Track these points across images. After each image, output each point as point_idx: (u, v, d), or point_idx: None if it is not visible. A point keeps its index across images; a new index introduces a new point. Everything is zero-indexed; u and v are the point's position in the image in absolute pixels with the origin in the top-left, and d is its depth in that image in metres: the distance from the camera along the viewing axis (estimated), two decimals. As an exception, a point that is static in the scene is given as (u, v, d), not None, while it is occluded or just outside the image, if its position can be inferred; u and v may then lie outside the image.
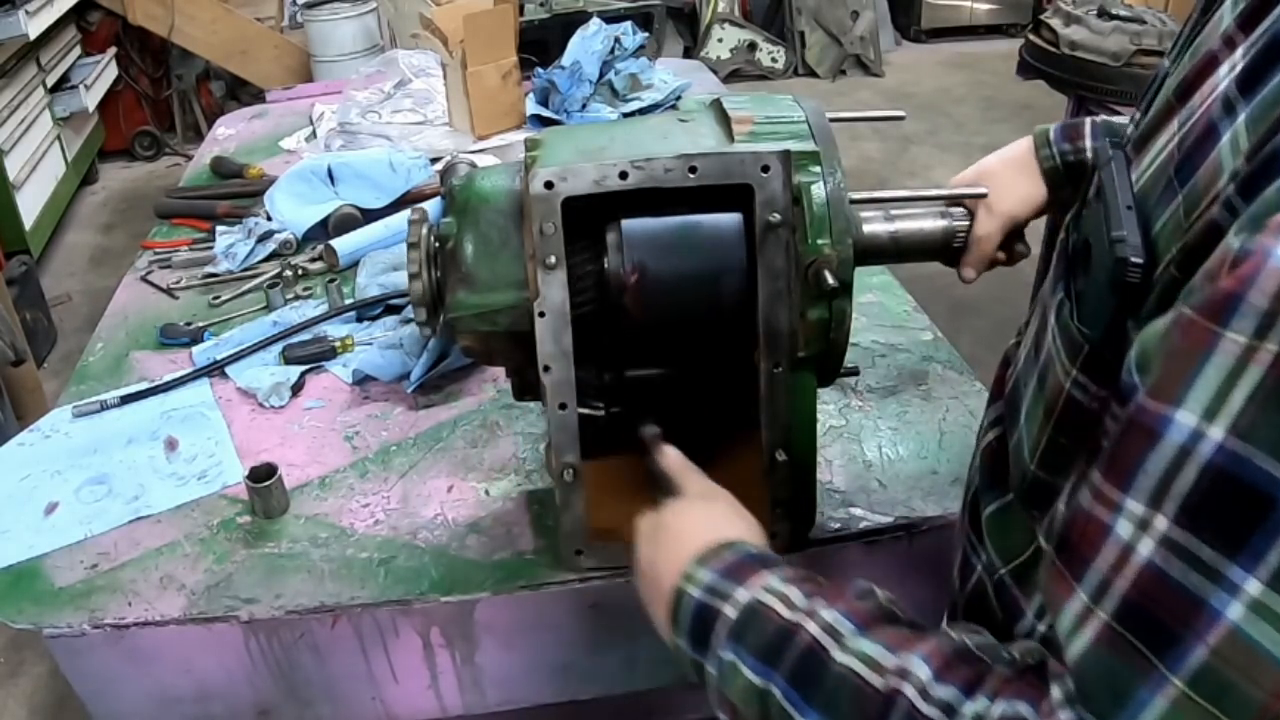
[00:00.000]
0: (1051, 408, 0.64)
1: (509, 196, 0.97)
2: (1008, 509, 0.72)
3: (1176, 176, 0.56)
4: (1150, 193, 0.58)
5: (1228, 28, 0.58)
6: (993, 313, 3.47)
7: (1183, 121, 0.58)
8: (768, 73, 6.25)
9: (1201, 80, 0.58)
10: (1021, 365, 0.73)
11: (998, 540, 0.72)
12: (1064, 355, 0.63)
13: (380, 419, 1.33)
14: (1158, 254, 0.55)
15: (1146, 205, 0.58)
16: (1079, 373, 0.61)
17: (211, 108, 5.39)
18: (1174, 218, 0.55)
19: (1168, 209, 0.55)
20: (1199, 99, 0.57)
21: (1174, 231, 0.54)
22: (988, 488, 0.75)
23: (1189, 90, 0.59)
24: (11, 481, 1.26)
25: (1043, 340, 0.68)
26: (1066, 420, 0.63)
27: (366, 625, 1.07)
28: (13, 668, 2.47)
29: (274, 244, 1.74)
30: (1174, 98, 0.61)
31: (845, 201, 0.90)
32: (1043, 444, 0.65)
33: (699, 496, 0.86)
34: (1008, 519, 0.72)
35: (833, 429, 1.26)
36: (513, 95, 2.16)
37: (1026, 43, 2.83)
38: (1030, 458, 0.67)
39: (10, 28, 3.87)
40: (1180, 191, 0.55)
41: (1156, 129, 0.62)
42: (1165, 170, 0.57)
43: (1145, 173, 0.60)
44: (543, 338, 0.92)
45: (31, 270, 3.71)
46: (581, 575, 1.06)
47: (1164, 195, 0.56)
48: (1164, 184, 0.57)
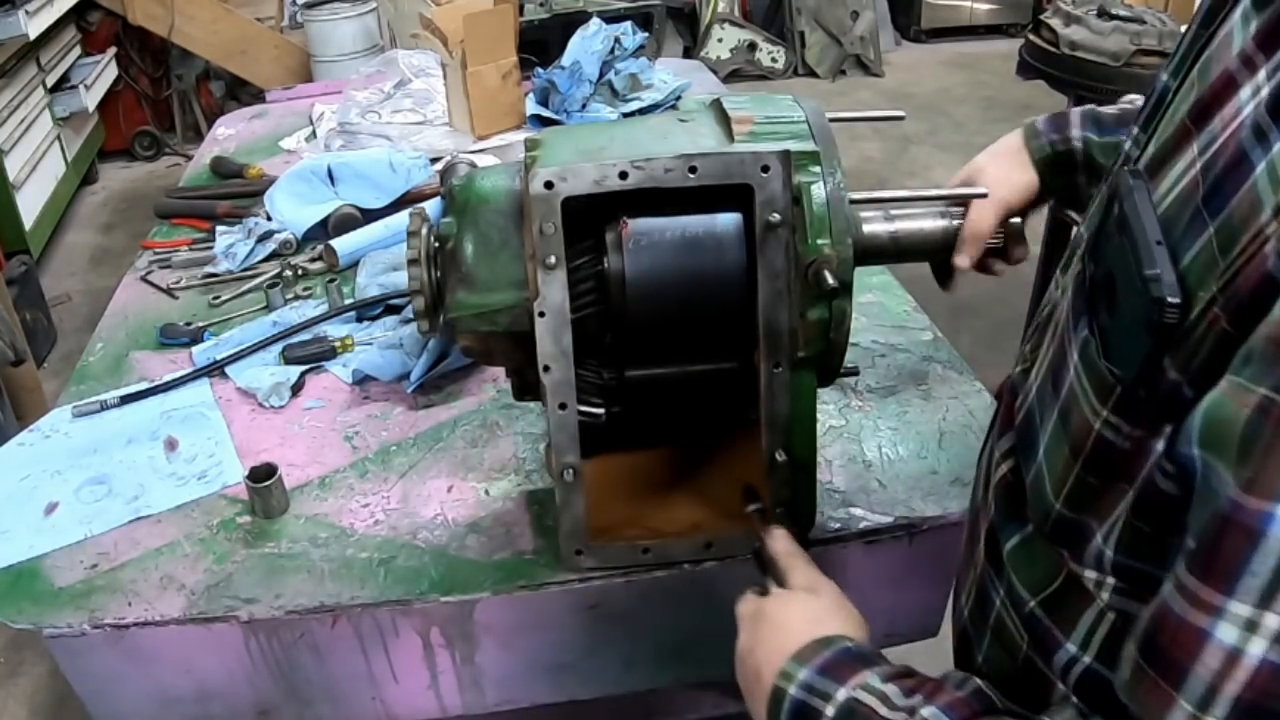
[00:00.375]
0: (1078, 447, 0.62)
1: (509, 196, 0.97)
2: (1030, 541, 0.70)
3: (1206, 207, 0.54)
4: (1174, 223, 0.56)
5: (1244, 47, 0.56)
6: (993, 313, 3.47)
7: (1204, 147, 0.56)
8: (768, 73, 6.25)
9: (1220, 103, 0.56)
10: (1035, 397, 0.72)
11: (1024, 573, 0.71)
12: (1092, 395, 0.61)
13: (380, 419, 1.33)
14: (1189, 288, 0.53)
15: (1171, 236, 0.56)
16: (1110, 414, 0.59)
17: (211, 108, 5.39)
18: (1205, 251, 0.53)
19: (1197, 241, 0.54)
20: (1220, 123, 0.55)
21: (1207, 266, 0.52)
22: (1006, 521, 0.74)
23: (1206, 113, 0.57)
24: (11, 481, 1.26)
25: (1062, 375, 0.66)
26: (1096, 460, 0.61)
27: (366, 625, 1.07)
28: (13, 668, 2.47)
29: (274, 244, 1.74)
30: (1189, 120, 0.59)
31: (845, 201, 0.90)
32: (1069, 483, 0.64)
33: (803, 589, 0.85)
34: (1032, 551, 0.70)
35: (833, 429, 1.26)
36: (513, 95, 2.16)
37: (1026, 43, 2.83)
38: (1055, 495, 0.65)
39: (10, 28, 3.87)
40: (1211, 223, 0.53)
41: (1172, 153, 0.60)
42: (1190, 199, 0.55)
43: (1165, 200, 0.58)
44: (543, 338, 0.92)
45: (31, 270, 3.71)
46: (581, 575, 1.06)
47: (1191, 226, 0.54)
48: (1190, 214, 0.55)
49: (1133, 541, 0.59)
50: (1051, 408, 0.67)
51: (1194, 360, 0.53)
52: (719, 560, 1.06)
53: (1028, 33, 2.90)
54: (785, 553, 0.89)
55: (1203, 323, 0.53)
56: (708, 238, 0.93)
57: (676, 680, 1.28)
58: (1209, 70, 0.60)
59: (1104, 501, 0.61)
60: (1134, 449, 0.58)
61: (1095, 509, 0.62)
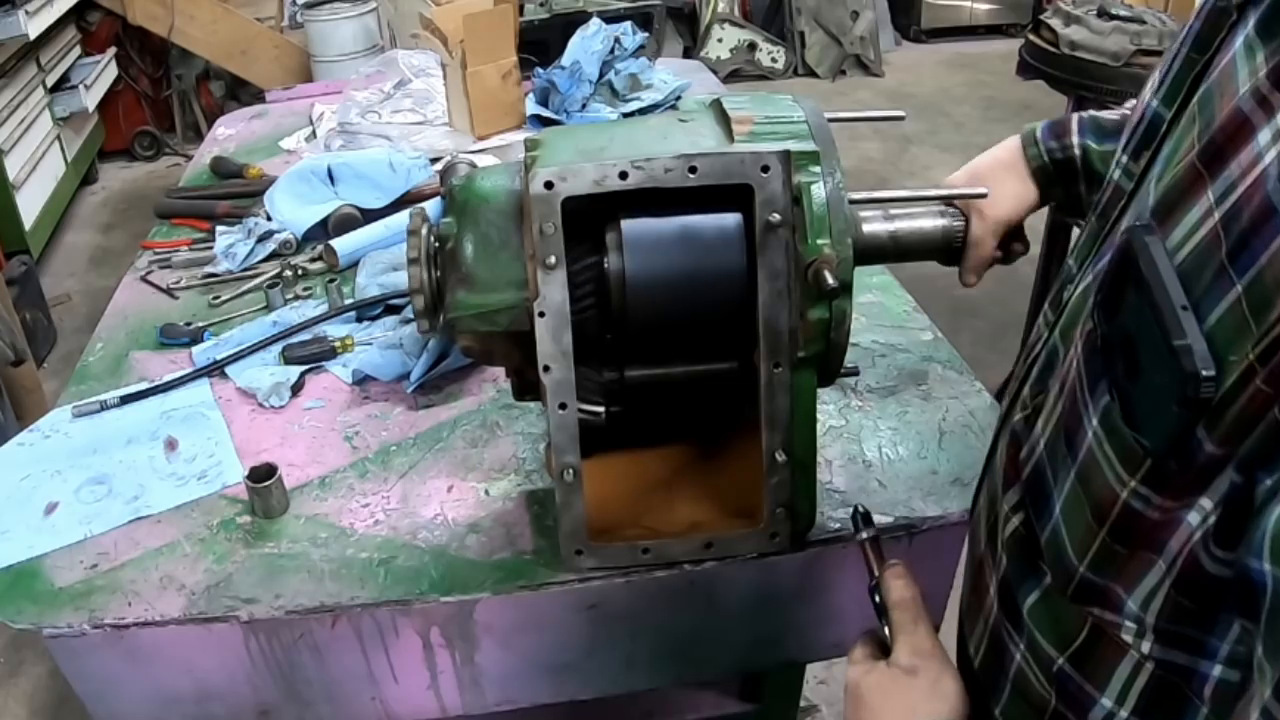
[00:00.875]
0: (1102, 514, 0.61)
1: (509, 196, 0.97)
2: (1050, 595, 0.68)
3: (1232, 264, 0.51)
4: (1194, 278, 0.53)
5: (1259, 85, 0.53)
6: (993, 313, 3.47)
7: (1221, 194, 0.53)
8: (768, 73, 6.25)
9: (1235, 146, 0.53)
10: (1044, 452, 0.70)
11: (1047, 630, 0.69)
12: (1117, 463, 0.59)
13: (380, 419, 1.33)
14: (1218, 350, 0.51)
15: (1192, 292, 0.53)
16: (1139, 484, 0.58)
17: (211, 108, 5.39)
18: (1234, 312, 0.51)
19: (1223, 300, 0.51)
20: (1237, 169, 0.52)
21: (1238, 328, 0.50)
22: (1023, 577, 0.72)
23: (1220, 156, 0.54)
24: (11, 481, 1.26)
25: (1079, 437, 0.63)
26: (1123, 528, 0.59)
27: (366, 625, 1.07)
28: (13, 668, 2.47)
29: (274, 244, 1.74)
30: (1200, 163, 0.56)
31: (845, 201, 0.90)
32: (1094, 549, 0.62)
33: (903, 670, 0.79)
34: (1053, 607, 0.68)
35: (833, 429, 1.26)
36: (513, 95, 2.16)
37: (1026, 43, 2.83)
38: (1078, 558, 0.63)
39: (10, 28, 3.87)
40: (1239, 281, 0.50)
41: (1182, 199, 0.57)
42: (1211, 254, 0.53)
43: (1180, 252, 0.55)
44: (543, 338, 0.92)
45: (31, 270, 3.72)
46: (581, 575, 1.06)
47: (1216, 284, 0.52)
48: (1214, 271, 0.52)
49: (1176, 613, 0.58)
50: (1066, 468, 0.65)
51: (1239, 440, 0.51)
52: (719, 560, 1.06)
53: (1028, 33, 2.90)
54: (897, 603, 0.83)
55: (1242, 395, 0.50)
56: (708, 238, 0.93)
57: (676, 680, 1.28)
58: (1212, 104, 0.58)
59: (1131, 567, 0.60)
60: (1163, 519, 0.57)
61: (1122, 575, 0.60)
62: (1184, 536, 0.56)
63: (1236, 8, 0.60)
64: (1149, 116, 0.70)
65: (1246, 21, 0.58)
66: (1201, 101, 0.60)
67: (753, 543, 1.04)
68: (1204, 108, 0.59)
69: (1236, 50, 0.58)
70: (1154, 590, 0.58)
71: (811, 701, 2.25)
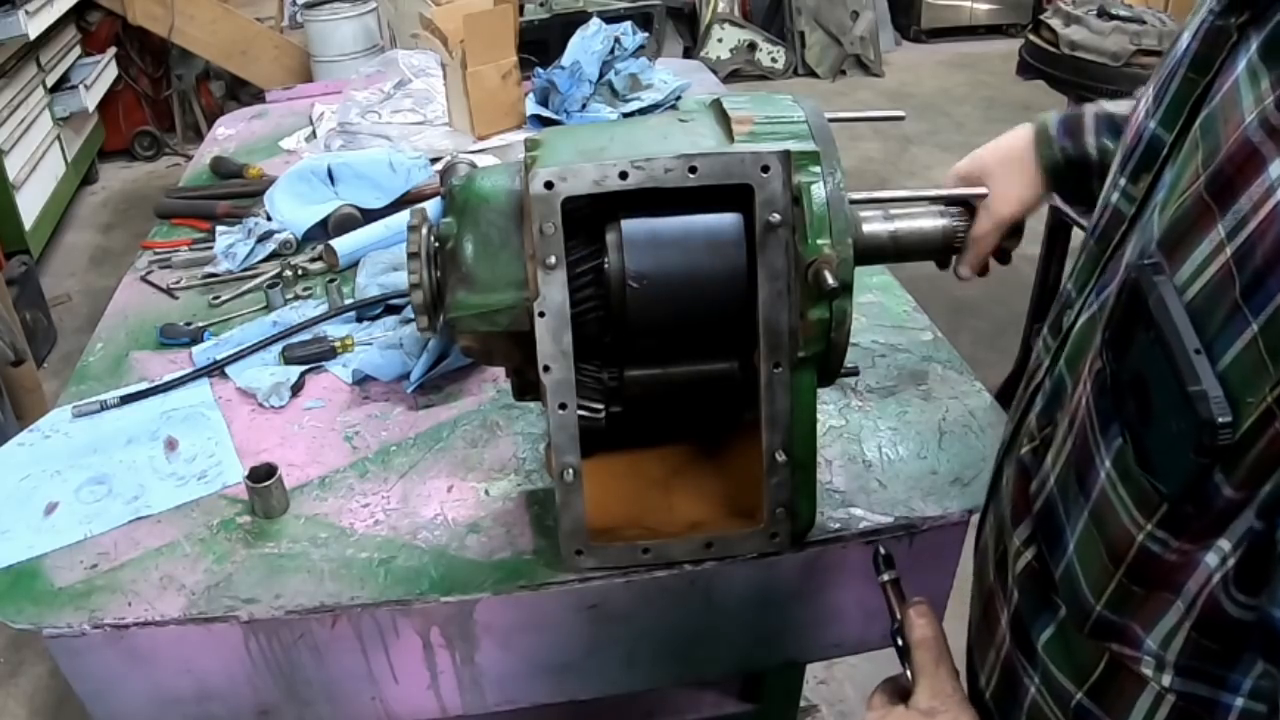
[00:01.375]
0: (1118, 555, 0.60)
1: (509, 196, 0.97)
2: (1065, 630, 0.68)
3: (1246, 303, 0.50)
4: (1205, 316, 0.52)
5: (1269, 115, 0.52)
6: (993, 313, 3.47)
7: (1232, 230, 0.52)
8: (768, 73, 6.25)
9: (1245, 178, 0.52)
10: (1055, 489, 0.69)
11: (1064, 664, 0.68)
12: (1133, 506, 0.59)
13: (380, 419, 1.33)
14: (1233, 392, 0.50)
15: (1205, 331, 0.52)
16: (1156, 528, 0.57)
17: (211, 108, 5.40)
18: (1250, 353, 0.49)
19: (1238, 341, 0.50)
20: (1248, 203, 0.51)
21: (1255, 370, 0.49)
22: (1036, 611, 0.71)
23: (1230, 189, 0.53)
24: (11, 481, 1.25)
25: (1091, 478, 0.63)
26: (1141, 571, 0.59)
27: (366, 625, 1.07)
28: (13, 668, 2.47)
29: (274, 244, 1.74)
30: (1208, 195, 0.55)
31: (845, 201, 0.90)
32: (1111, 588, 0.62)
33: (921, 712, 0.76)
34: (1069, 641, 0.68)
35: (833, 429, 1.26)
36: (513, 95, 2.16)
37: (1026, 43, 2.83)
38: (1094, 597, 0.63)
39: (10, 28, 3.87)
40: (1254, 321, 0.49)
41: (1190, 232, 0.55)
42: (1224, 292, 0.51)
43: (1189, 289, 0.54)
44: (543, 338, 0.92)
45: (31, 270, 3.72)
46: (581, 575, 1.06)
47: (1230, 324, 0.51)
48: (1227, 310, 0.51)
49: (1198, 651, 0.58)
50: (1079, 506, 0.64)
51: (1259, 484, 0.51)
52: (719, 560, 1.06)
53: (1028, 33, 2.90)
54: (920, 642, 0.80)
55: (1261, 439, 0.50)
56: (708, 238, 0.93)
57: (676, 680, 1.28)
58: (1215, 130, 0.56)
59: (1149, 607, 0.59)
60: (1181, 561, 0.56)
61: (1140, 614, 0.60)
62: (1203, 578, 0.56)
63: (1237, 28, 0.59)
64: (1147, 138, 0.68)
65: (1249, 43, 0.57)
66: (1204, 127, 0.58)
67: (753, 543, 1.04)
68: (1207, 133, 0.58)
69: (1239, 74, 0.56)
70: (1174, 630, 0.58)
71: (811, 701, 2.25)
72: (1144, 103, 0.71)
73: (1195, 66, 0.63)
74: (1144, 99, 0.72)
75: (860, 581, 1.15)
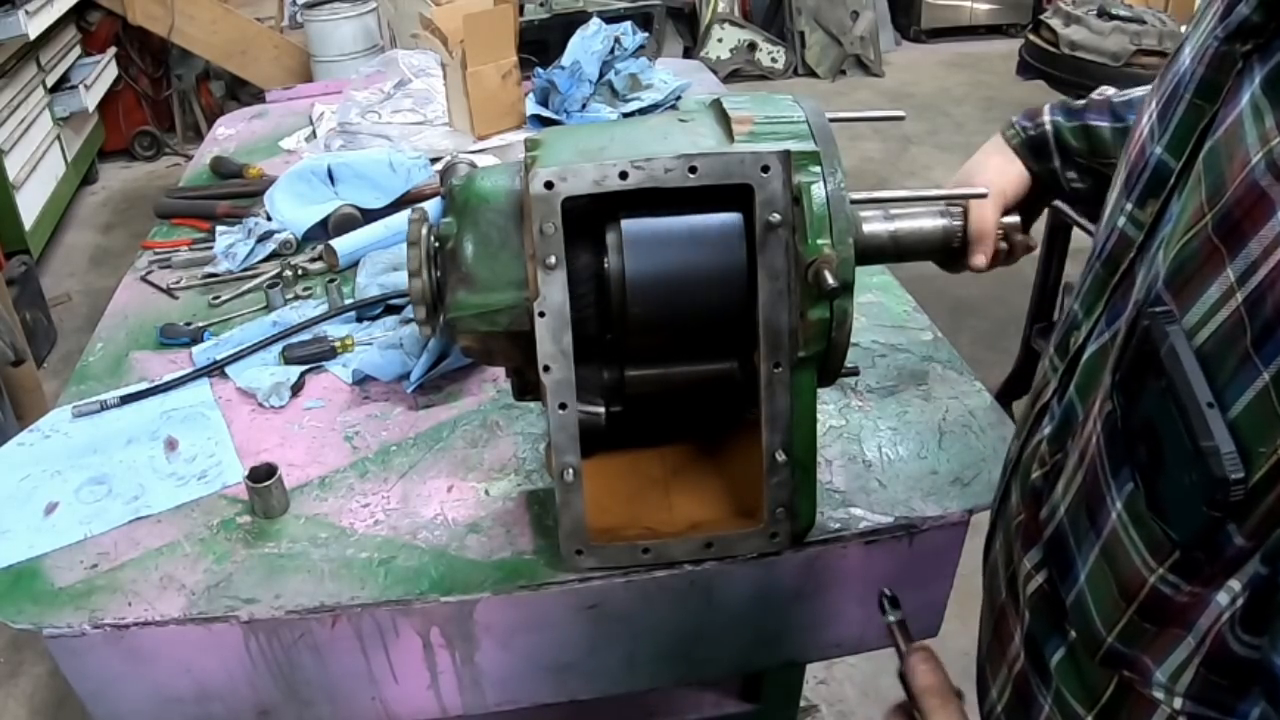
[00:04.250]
0: (1130, 594, 0.61)
1: (509, 196, 0.97)
2: (1076, 652, 0.68)
3: (1257, 353, 0.50)
4: (1215, 363, 0.53)
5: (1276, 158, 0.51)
6: (993, 313, 3.48)
7: (1242, 275, 0.52)
8: (768, 73, 6.25)
9: (1254, 221, 0.51)
10: (1066, 520, 0.69)
11: (1075, 687, 0.69)
12: (1144, 550, 0.59)
13: (380, 419, 1.33)
14: (1244, 442, 0.50)
15: (1215, 380, 0.52)
16: (1168, 572, 0.58)
17: (211, 108, 5.40)
18: (1261, 403, 0.50)
19: (1249, 390, 0.50)
20: (1258, 247, 0.51)
21: (1267, 420, 0.49)
22: (1048, 633, 0.72)
23: (1238, 233, 0.53)
24: (11, 481, 1.25)
25: (1102, 517, 0.63)
26: (1152, 610, 0.60)
27: (366, 625, 1.07)
28: (13, 668, 2.47)
29: (274, 244, 1.74)
30: (1215, 236, 0.54)
31: (845, 201, 0.90)
32: (1122, 623, 0.62)
33: None
34: (1080, 664, 0.68)
35: (833, 429, 1.26)
36: (513, 95, 2.16)
37: (1026, 43, 2.84)
38: (1105, 629, 0.63)
39: (10, 28, 3.87)
40: (1265, 370, 0.49)
41: (1199, 274, 0.55)
42: (1235, 340, 0.51)
43: (1199, 333, 0.54)
44: (543, 338, 0.92)
45: (31, 270, 3.72)
46: (581, 575, 1.06)
47: (1241, 372, 0.51)
48: (1238, 358, 0.51)
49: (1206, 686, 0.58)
50: (1090, 542, 0.65)
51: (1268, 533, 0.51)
52: (719, 560, 1.06)
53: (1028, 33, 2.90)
54: (925, 689, 0.78)
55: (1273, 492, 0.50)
56: (708, 238, 0.93)
57: (676, 680, 1.28)
58: (1220, 164, 0.56)
59: (1160, 641, 0.60)
60: (1192, 601, 0.57)
61: (1151, 648, 0.61)
62: (1213, 615, 0.56)
63: (1242, 55, 0.59)
64: (1153, 164, 0.68)
65: (1253, 73, 0.57)
66: (1207, 160, 0.58)
67: (753, 543, 1.04)
68: (1210, 166, 0.57)
69: (1244, 107, 0.56)
70: (1183, 665, 0.59)
71: (811, 701, 2.25)
72: (1147, 120, 0.71)
73: (1201, 92, 0.63)
74: (1147, 114, 0.71)
75: (860, 581, 1.15)
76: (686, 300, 0.94)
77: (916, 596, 1.20)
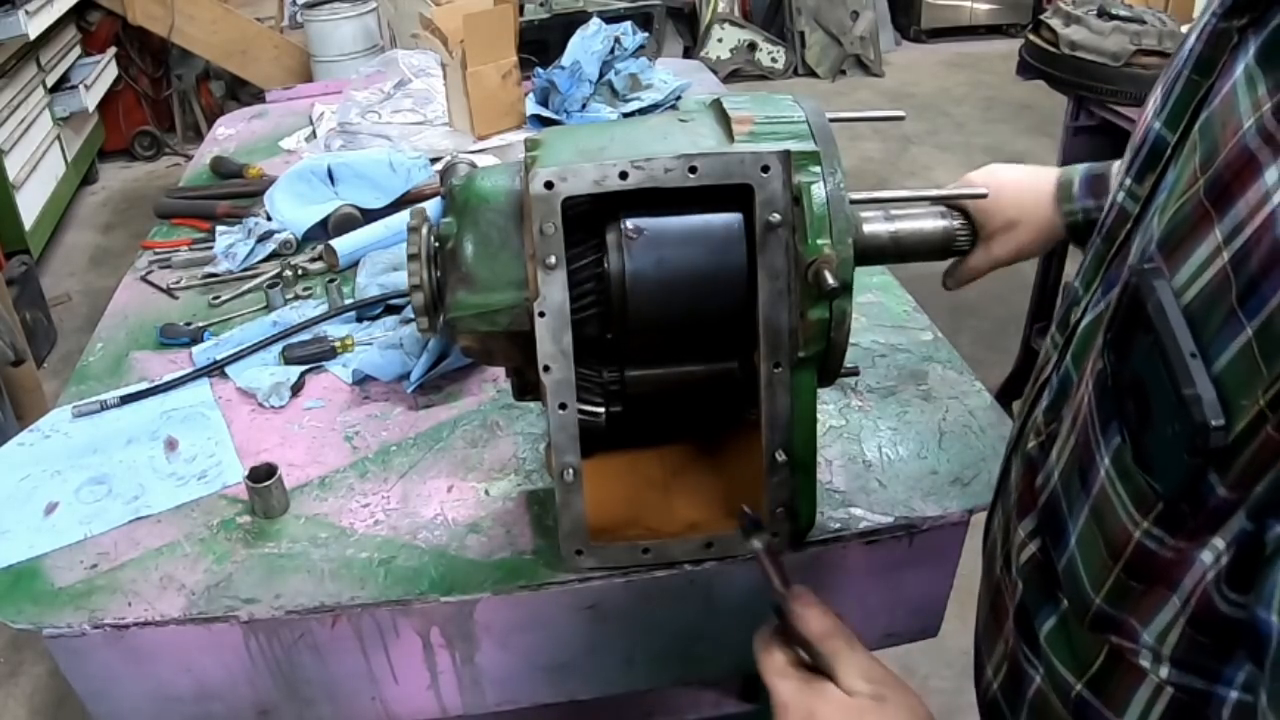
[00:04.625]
0: (1117, 551, 0.61)
1: (509, 196, 0.97)
2: (1067, 622, 0.68)
3: (1241, 308, 0.51)
4: (1202, 320, 0.53)
5: (1264, 121, 0.52)
6: (993, 313, 3.48)
7: (1229, 234, 0.53)
8: (768, 73, 6.25)
9: (1242, 184, 0.52)
10: (1059, 485, 0.70)
11: (1066, 656, 0.69)
12: (1130, 505, 0.60)
13: (380, 419, 1.33)
14: (1227, 395, 0.51)
15: (1200, 336, 0.53)
16: (1152, 526, 0.58)
17: (211, 108, 5.40)
18: (1244, 357, 0.50)
19: (1233, 344, 0.51)
20: (1245, 208, 0.52)
21: (1248, 373, 0.50)
22: (1040, 602, 0.72)
23: (1227, 194, 0.54)
24: (11, 481, 1.25)
25: (1092, 475, 0.64)
26: (1138, 567, 0.60)
27: (366, 625, 1.07)
28: (13, 668, 2.47)
29: (274, 244, 1.74)
30: (1206, 200, 0.55)
31: (845, 201, 0.90)
32: (1109, 583, 0.62)
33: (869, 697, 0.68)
34: (1069, 634, 0.68)
35: (833, 429, 1.26)
36: (513, 95, 2.16)
37: (1026, 43, 2.83)
38: (1094, 591, 0.64)
39: (10, 28, 3.87)
40: (1248, 325, 0.50)
41: (1189, 236, 0.56)
42: (1221, 296, 0.52)
43: (1189, 290, 0.55)
44: (543, 338, 0.92)
45: (31, 270, 3.72)
46: (581, 575, 1.06)
47: (1225, 327, 0.51)
48: (1223, 314, 0.52)
49: (1193, 647, 0.58)
50: (1081, 503, 0.65)
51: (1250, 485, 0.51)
52: (719, 560, 1.06)
53: (1028, 33, 2.90)
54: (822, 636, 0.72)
55: (1253, 442, 0.50)
56: (708, 238, 0.93)
57: (676, 680, 1.28)
58: (1214, 132, 0.57)
59: (1146, 602, 0.60)
60: (1177, 558, 0.57)
61: (1138, 609, 0.61)
62: (1198, 574, 0.56)
63: (1238, 30, 0.59)
64: (1151, 139, 0.69)
65: (1247, 47, 0.58)
66: (1202, 129, 0.59)
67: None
68: (1205, 135, 0.58)
69: (1237, 78, 0.57)
70: (1169, 625, 0.59)
71: (811, 701, 2.24)
72: (1152, 102, 0.72)
73: (1198, 68, 0.64)
74: (1153, 98, 0.72)
75: (860, 581, 1.15)
76: (686, 300, 0.94)
77: (916, 596, 1.20)
